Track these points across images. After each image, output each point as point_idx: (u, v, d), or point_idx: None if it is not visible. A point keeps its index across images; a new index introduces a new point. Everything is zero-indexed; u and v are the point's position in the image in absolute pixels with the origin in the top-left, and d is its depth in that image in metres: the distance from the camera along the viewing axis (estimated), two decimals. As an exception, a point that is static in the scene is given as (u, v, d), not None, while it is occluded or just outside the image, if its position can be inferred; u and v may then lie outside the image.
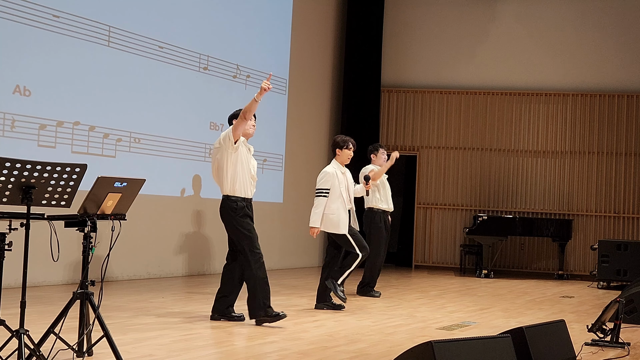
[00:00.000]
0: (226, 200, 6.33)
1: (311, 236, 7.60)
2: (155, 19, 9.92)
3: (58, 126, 8.59)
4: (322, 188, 7.41)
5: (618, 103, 13.59)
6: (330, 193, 7.39)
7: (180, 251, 10.47)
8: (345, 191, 7.46)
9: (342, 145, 7.55)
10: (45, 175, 3.97)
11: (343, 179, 7.48)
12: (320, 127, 13.62)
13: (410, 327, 6.68)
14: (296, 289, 9.53)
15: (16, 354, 4.00)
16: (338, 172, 7.48)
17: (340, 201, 7.39)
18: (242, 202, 6.34)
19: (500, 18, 14.21)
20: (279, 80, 12.35)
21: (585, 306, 8.88)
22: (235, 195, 6.31)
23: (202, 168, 10.74)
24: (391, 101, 14.39)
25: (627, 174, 13.48)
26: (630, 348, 5.74)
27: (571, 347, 5.15)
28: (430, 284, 10.93)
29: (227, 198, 6.33)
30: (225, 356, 5.01)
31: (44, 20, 8.42)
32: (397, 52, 14.51)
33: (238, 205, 6.30)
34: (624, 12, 13.67)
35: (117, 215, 4.49)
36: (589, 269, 13.22)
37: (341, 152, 7.55)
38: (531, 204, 13.78)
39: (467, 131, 14.10)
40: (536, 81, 13.96)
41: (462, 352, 3.90)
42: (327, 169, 7.51)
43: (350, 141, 7.59)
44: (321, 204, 7.37)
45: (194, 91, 10.59)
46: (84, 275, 4.37)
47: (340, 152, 7.55)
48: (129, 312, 6.74)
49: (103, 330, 4.35)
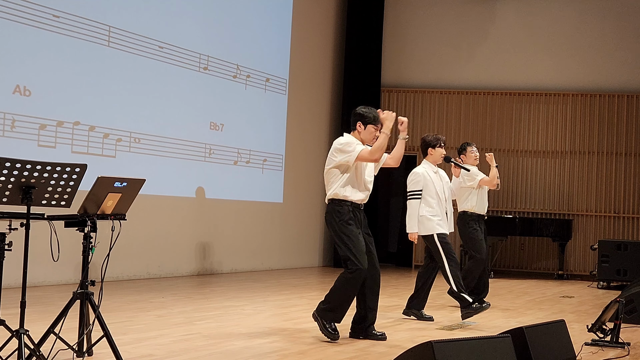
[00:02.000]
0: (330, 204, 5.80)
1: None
2: (155, 19, 9.92)
3: (58, 126, 8.59)
4: (413, 190, 6.90)
5: (618, 103, 13.59)
6: (423, 194, 6.89)
7: (180, 251, 10.47)
8: (441, 192, 6.97)
9: (435, 144, 7.05)
10: (45, 175, 3.97)
11: (437, 179, 6.98)
12: (320, 127, 13.62)
13: (410, 327, 6.67)
14: (296, 289, 9.54)
15: (16, 354, 4.00)
16: (430, 172, 6.99)
17: (435, 203, 6.90)
18: (350, 206, 5.74)
19: (500, 18, 14.21)
20: (279, 80, 12.35)
21: (585, 306, 8.88)
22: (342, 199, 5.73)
23: (202, 168, 10.74)
24: (391, 101, 14.38)
25: (627, 174, 13.48)
26: (630, 348, 5.74)
27: (571, 347, 5.15)
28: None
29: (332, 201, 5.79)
30: (225, 356, 5.01)
31: (44, 20, 8.42)
32: (397, 52, 14.51)
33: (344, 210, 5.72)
34: (624, 12, 13.67)
35: (117, 215, 4.49)
36: (589, 269, 13.22)
37: (434, 151, 7.04)
38: (531, 204, 13.78)
39: (467, 131, 14.09)
40: (536, 81, 13.96)
41: (462, 352, 3.89)
42: (416, 170, 7.01)
43: (442, 139, 7.12)
44: (414, 206, 6.85)
45: (194, 91, 10.59)
46: (84, 275, 4.37)
47: (433, 151, 7.05)
48: (129, 312, 6.74)
49: (103, 330, 4.35)
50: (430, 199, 6.87)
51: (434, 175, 6.98)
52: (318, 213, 13.53)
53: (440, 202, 6.90)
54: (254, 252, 11.87)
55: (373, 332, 5.89)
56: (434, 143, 7.06)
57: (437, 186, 6.91)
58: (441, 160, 7.12)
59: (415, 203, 6.85)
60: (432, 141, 7.08)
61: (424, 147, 7.11)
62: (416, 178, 6.92)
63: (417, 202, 6.85)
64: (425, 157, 7.10)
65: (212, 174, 10.91)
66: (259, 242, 11.97)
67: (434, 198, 6.88)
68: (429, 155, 7.08)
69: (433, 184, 6.89)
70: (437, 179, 6.97)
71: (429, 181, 6.89)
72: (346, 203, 5.70)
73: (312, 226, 13.35)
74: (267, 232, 12.20)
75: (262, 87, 11.94)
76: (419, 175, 6.93)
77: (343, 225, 5.67)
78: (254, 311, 7.30)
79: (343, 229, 5.67)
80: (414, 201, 6.85)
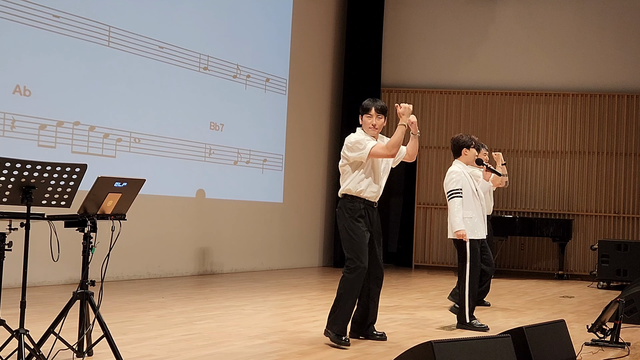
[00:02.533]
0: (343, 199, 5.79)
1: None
2: (155, 19, 9.92)
3: (58, 126, 8.59)
4: (453, 189, 6.63)
5: (618, 103, 13.59)
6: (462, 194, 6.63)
7: (180, 251, 10.47)
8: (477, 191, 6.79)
9: (470, 144, 6.86)
10: (45, 175, 3.97)
11: (472, 179, 6.78)
12: (320, 127, 13.62)
13: (410, 327, 6.67)
14: (296, 289, 9.53)
15: (16, 354, 4.00)
16: (465, 172, 6.77)
17: (474, 203, 6.68)
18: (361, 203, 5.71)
19: (500, 18, 14.21)
20: (279, 80, 12.35)
21: (585, 306, 8.88)
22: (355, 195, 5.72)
23: (202, 168, 10.74)
24: (391, 101, 14.37)
25: (627, 174, 13.48)
26: (630, 348, 5.74)
27: (571, 347, 5.15)
28: (430, 284, 10.92)
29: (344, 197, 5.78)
30: (225, 356, 5.01)
31: (44, 20, 8.42)
32: (397, 52, 14.51)
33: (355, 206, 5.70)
34: (624, 12, 13.67)
35: (117, 215, 4.49)
36: (589, 269, 13.22)
37: (468, 152, 6.85)
38: (531, 204, 13.78)
39: (467, 131, 14.06)
40: (536, 81, 13.96)
41: (462, 352, 3.90)
42: (454, 168, 6.76)
43: (475, 139, 6.96)
44: (457, 205, 6.55)
45: (194, 91, 10.59)
46: (84, 275, 4.37)
47: (468, 152, 6.85)
48: (129, 312, 6.74)
49: (103, 330, 4.35)
50: (467, 199, 6.67)
51: (468, 175, 6.80)
52: (318, 213, 13.53)
53: (476, 203, 6.71)
54: (254, 252, 11.87)
55: (373, 332, 5.88)
56: (469, 143, 6.88)
57: (472, 186, 6.75)
58: (474, 161, 6.99)
59: (458, 201, 6.58)
60: (467, 141, 6.89)
61: (457, 148, 6.91)
62: (456, 177, 6.69)
63: (459, 200, 6.58)
64: (458, 158, 6.89)
65: (212, 174, 10.91)
66: (259, 242, 11.97)
67: (471, 198, 6.69)
68: (463, 155, 6.88)
69: (470, 184, 6.73)
70: (472, 179, 6.81)
71: (466, 181, 6.72)
72: (359, 200, 5.67)
73: (312, 226, 13.35)
74: (267, 232, 12.20)
75: (262, 87, 11.94)
76: (459, 174, 6.70)
77: (352, 222, 5.65)
78: (254, 311, 7.30)
79: (351, 226, 5.64)
80: (456, 199, 6.59)
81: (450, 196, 6.62)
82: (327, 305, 7.83)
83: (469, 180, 6.71)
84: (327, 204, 13.72)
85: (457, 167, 6.78)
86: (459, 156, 6.89)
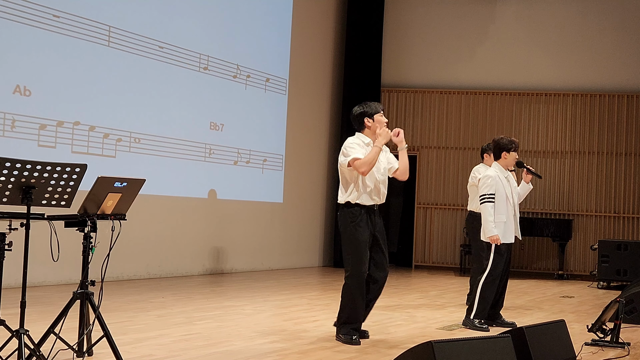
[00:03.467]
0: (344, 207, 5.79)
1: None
2: (155, 19, 9.92)
3: (58, 126, 8.60)
4: (486, 193, 6.67)
5: (618, 103, 13.59)
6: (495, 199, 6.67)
7: (180, 251, 10.47)
8: (511, 196, 6.75)
9: (510, 148, 6.80)
10: (45, 175, 3.97)
11: (507, 184, 6.78)
12: (320, 127, 13.62)
13: (410, 327, 6.67)
14: (296, 289, 9.53)
15: (16, 354, 4.00)
16: (501, 175, 6.77)
17: (507, 207, 6.69)
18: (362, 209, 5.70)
19: (500, 18, 14.21)
20: (279, 80, 12.35)
21: (585, 306, 8.88)
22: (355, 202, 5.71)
23: (203, 168, 10.74)
24: (391, 101, 14.38)
25: (627, 174, 13.48)
26: (630, 348, 5.74)
27: (571, 347, 5.15)
28: (430, 284, 10.92)
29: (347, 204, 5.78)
30: (225, 356, 5.01)
31: (44, 20, 8.42)
32: (397, 52, 14.51)
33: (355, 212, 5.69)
34: (624, 12, 13.67)
35: (117, 215, 4.49)
36: (589, 269, 13.22)
37: (508, 155, 6.80)
38: (531, 204, 13.78)
39: (467, 131, 14.09)
40: (536, 81, 13.96)
41: (462, 352, 3.90)
42: (489, 173, 6.76)
43: (516, 142, 6.88)
44: (489, 210, 6.61)
45: (194, 91, 10.59)
46: (84, 275, 4.37)
47: (507, 155, 6.80)
48: (129, 312, 6.74)
49: (103, 330, 4.35)
50: (500, 203, 6.68)
51: (504, 180, 6.79)
52: (318, 213, 13.53)
53: (509, 207, 6.72)
54: (254, 252, 11.87)
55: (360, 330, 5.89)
56: (509, 147, 6.82)
57: (507, 190, 6.73)
58: (513, 165, 6.93)
59: (490, 206, 6.63)
60: (507, 144, 6.84)
61: (497, 151, 6.88)
62: (489, 182, 6.70)
63: (491, 205, 6.64)
64: (498, 160, 6.87)
65: (212, 174, 10.91)
66: (259, 242, 11.96)
67: (504, 203, 6.69)
68: (503, 159, 6.84)
69: (504, 188, 6.72)
70: (507, 184, 6.79)
71: (500, 185, 6.72)
72: (359, 205, 5.67)
73: (312, 226, 13.35)
74: (267, 232, 12.20)
75: (262, 87, 11.94)
76: (493, 178, 6.71)
77: (354, 228, 5.64)
78: (254, 311, 7.30)
79: (353, 232, 5.64)
80: (488, 204, 6.64)
81: (483, 200, 6.67)
82: (327, 305, 7.85)
83: (504, 184, 6.72)
84: (327, 204, 13.72)
85: (493, 171, 6.77)
86: (498, 159, 6.87)
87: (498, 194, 6.67)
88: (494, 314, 6.92)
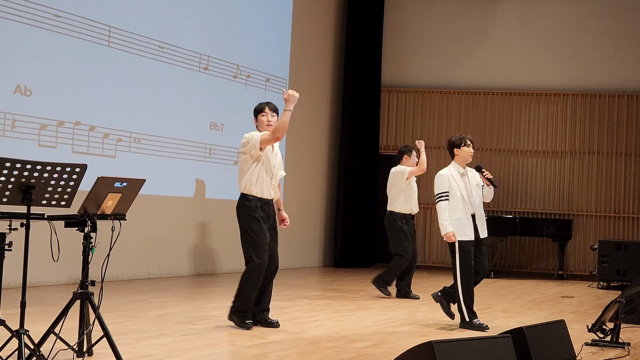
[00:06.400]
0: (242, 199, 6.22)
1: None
2: (155, 19, 9.92)
3: (58, 126, 8.60)
4: (440, 192, 6.74)
5: (618, 103, 13.59)
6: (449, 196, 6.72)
7: (180, 251, 10.47)
8: (467, 194, 6.75)
9: (460, 143, 6.84)
10: (45, 175, 3.97)
11: (461, 181, 6.77)
12: (320, 127, 13.62)
13: (410, 327, 6.68)
14: (296, 288, 9.54)
15: (16, 354, 4.00)
16: (455, 173, 6.78)
17: (462, 204, 6.70)
18: (258, 202, 6.19)
19: (500, 18, 14.21)
20: (279, 80, 12.35)
21: (585, 306, 8.88)
22: (252, 195, 6.18)
23: (203, 168, 10.74)
24: (391, 101, 14.39)
25: (627, 174, 13.48)
26: (630, 348, 5.74)
27: (571, 347, 5.15)
28: (430, 284, 10.92)
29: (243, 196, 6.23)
30: (225, 356, 5.01)
31: (44, 20, 8.42)
32: (397, 52, 14.51)
33: (252, 205, 6.16)
34: (624, 12, 13.67)
35: (117, 215, 4.49)
36: (589, 269, 13.22)
37: (460, 151, 6.82)
38: (531, 204, 13.78)
39: (467, 131, 14.07)
40: (536, 81, 13.96)
41: (462, 352, 3.90)
42: (441, 172, 6.83)
43: (467, 137, 6.91)
44: (444, 208, 6.67)
45: (194, 91, 10.59)
46: (84, 275, 4.38)
47: (459, 151, 6.82)
48: (129, 312, 6.74)
49: (103, 330, 4.35)
50: (454, 201, 6.71)
51: (459, 177, 6.79)
52: (318, 213, 13.53)
53: (464, 205, 6.71)
54: (254, 252, 11.85)
55: (266, 319, 6.28)
56: (458, 143, 6.85)
57: (461, 188, 6.74)
58: (470, 159, 6.93)
59: (445, 205, 6.69)
60: (456, 141, 6.87)
61: (450, 149, 6.94)
62: (441, 180, 6.76)
63: (445, 203, 6.70)
64: (453, 159, 6.90)
65: (212, 174, 10.91)
66: (259, 242, 11.94)
67: (458, 200, 6.71)
68: (456, 156, 6.87)
69: (457, 185, 6.73)
70: (462, 181, 6.78)
71: (454, 183, 6.74)
72: (255, 198, 6.16)
73: (312, 226, 13.35)
74: (267, 232, 12.18)
75: (262, 87, 11.94)
76: (444, 177, 6.76)
77: (250, 220, 6.12)
78: (254, 311, 7.29)
79: (250, 223, 6.12)
80: (442, 203, 6.70)
81: (437, 199, 6.77)
82: (327, 305, 7.86)
83: (457, 182, 6.74)
84: (327, 204, 13.72)
85: (446, 170, 6.84)
86: (453, 157, 6.91)
87: (451, 192, 6.73)
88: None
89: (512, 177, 13.91)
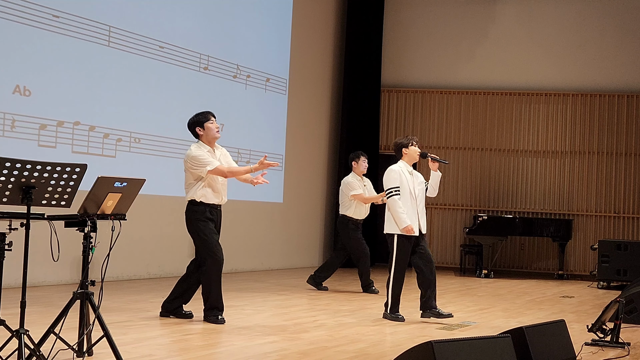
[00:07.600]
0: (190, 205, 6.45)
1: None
2: (155, 19, 9.92)
3: (58, 126, 8.60)
4: (392, 187, 6.97)
5: (618, 103, 13.59)
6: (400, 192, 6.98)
7: (180, 251, 10.46)
8: (414, 191, 7.02)
9: (407, 143, 7.14)
10: (45, 175, 3.97)
11: (411, 179, 7.05)
12: (320, 127, 13.62)
13: (410, 327, 6.67)
14: (296, 289, 9.54)
15: (16, 354, 4.00)
16: (404, 170, 7.06)
17: (410, 201, 6.95)
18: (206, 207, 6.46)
19: (500, 18, 14.21)
20: (279, 80, 12.35)
21: (585, 306, 8.88)
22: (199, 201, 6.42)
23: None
24: (391, 101, 14.39)
25: (627, 174, 13.48)
26: (630, 348, 5.74)
27: (571, 347, 5.15)
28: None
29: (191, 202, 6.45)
30: (225, 356, 5.01)
31: (44, 20, 8.42)
32: (397, 52, 14.51)
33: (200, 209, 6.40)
34: (624, 12, 13.67)
35: (117, 215, 4.49)
36: (589, 269, 13.22)
37: (408, 150, 7.12)
38: (531, 204, 13.78)
39: (467, 131, 14.10)
40: (536, 81, 13.96)
41: (462, 352, 3.90)
42: (392, 167, 7.09)
43: (414, 138, 7.24)
44: (397, 202, 6.90)
45: (194, 91, 10.59)
46: (84, 275, 4.37)
47: (407, 151, 7.13)
48: (129, 312, 6.74)
49: (103, 330, 4.35)
50: (403, 197, 6.98)
51: (408, 175, 7.08)
52: (318, 213, 13.53)
53: (412, 201, 7.00)
54: (254, 252, 11.86)
55: (182, 312, 6.55)
56: (406, 143, 7.19)
57: (410, 185, 7.02)
58: (417, 158, 7.21)
59: (398, 198, 6.94)
60: (403, 141, 7.22)
61: (397, 150, 7.22)
62: (393, 175, 7.04)
63: (398, 197, 6.95)
64: (402, 159, 7.20)
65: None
66: (259, 242, 11.96)
67: (407, 197, 6.99)
68: (404, 155, 7.18)
69: (407, 182, 7.02)
70: (411, 179, 7.08)
71: (404, 179, 7.02)
72: (203, 204, 6.40)
73: (312, 226, 13.35)
74: (267, 232, 12.20)
75: (262, 87, 11.94)
76: (396, 172, 7.04)
77: (199, 223, 6.36)
78: (254, 311, 7.30)
79: (200, 226, 6.36)
80: (396, 197, 6.95)
81: (389, 194, 6.98)
82: (327, 305, 7.86)
83: (407, 179, 7.03)
84: (327, 204, 13.72)
85: (397, 166, 7.11)
86: (401, 157, 7.20)
87: (402, 187, 6.99)
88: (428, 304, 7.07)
89: (512, 177, 13.91)
